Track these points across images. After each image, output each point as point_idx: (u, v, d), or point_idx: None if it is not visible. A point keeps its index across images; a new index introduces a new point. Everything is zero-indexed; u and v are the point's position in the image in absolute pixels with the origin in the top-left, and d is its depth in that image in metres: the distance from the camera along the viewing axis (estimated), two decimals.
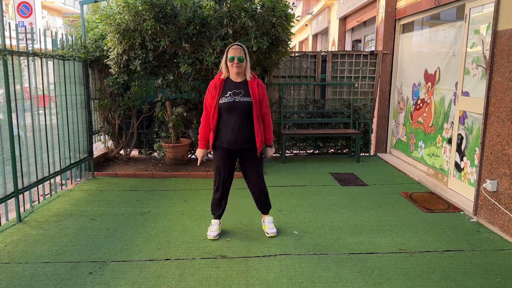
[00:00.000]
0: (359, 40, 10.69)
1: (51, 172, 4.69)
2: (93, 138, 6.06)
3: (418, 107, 6.08)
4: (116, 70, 5.48)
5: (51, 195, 4.90)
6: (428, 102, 5.77)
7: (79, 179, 5.60)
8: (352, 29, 11.13)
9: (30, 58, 4.29)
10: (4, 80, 3.82)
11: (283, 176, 5.79)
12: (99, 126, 6.41)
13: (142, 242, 3.57)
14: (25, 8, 11.68)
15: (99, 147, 7.02)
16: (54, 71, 4.76)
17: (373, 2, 8.45)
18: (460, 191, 4.83)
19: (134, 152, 6.99)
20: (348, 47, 11.53)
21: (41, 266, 3.14)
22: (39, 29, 4.82)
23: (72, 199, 4.76)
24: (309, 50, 16.09)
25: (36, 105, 4.41)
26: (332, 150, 7.20)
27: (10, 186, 3.96)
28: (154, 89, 6.35)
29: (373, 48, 8.86)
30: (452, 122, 5.09)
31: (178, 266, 3.14)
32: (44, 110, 4.55)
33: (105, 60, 5.66)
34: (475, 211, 4.15)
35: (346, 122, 7.03)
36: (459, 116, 4.86)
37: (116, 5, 5.29)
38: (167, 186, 5.30)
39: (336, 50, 11.73)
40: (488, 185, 3.87)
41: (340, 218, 4.16)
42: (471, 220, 4.12)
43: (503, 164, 3.73)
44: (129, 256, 3.30)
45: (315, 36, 16.53)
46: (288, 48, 5.70)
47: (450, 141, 5.13)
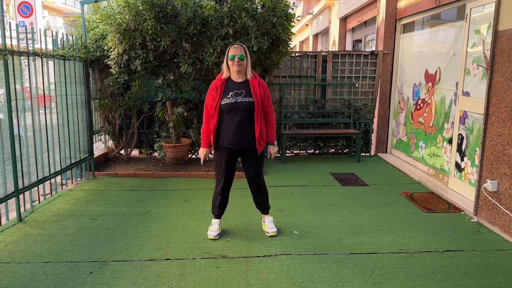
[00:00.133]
0: (359, 40, 10.69)
1: (51, 172, 4.69)
2: (93, 138, 6.07)
3: (418, 107, 6.07)
4: (116, 70, 5.48)
5: (51, 195, 4.91)
6: (428, 102, 5.77)
7: (80, 179, 5.60)
8: (353, 29, 11.12)
9: (31, 58, 4.29)
10: (5, 80, 3.82)
11: (283, 176, 5.79)
12: (100, 126, 6.41)
13: (142, 242, 3.57)
14: (25, 8, 11.68)
15: (100, 147, 7.02)
16: (54, 71, 4.76)
17: (373, 2, 8.45)
18: (461, 191, 4.82)
19: (135, 152, 6.99)
20: (348, 47, 11.53)
21: (41, 265, 3.14)
22: (40, 29, 4.81)
23: (73, 199, 4.76)
24: (309, 50, 16.09)
25: (37, 104, 4.42)
26: (332, 150, 7.20)
27: (10, 185, 3.96)
28: (154, 89, 6.35)
29: (373, 48, 8.85)
30: (452, 122, 5.09)
31: (179, 266, 3.14)
32: (44, 110, 4.55)
33: (105, 60, 5.67)
34: (476, 211, 4.15)
35: (346, 122, 7.03)
36: (460, 116, 4.86)
37: (116, 5, 5.29)
38: (168, 186, 5.30)
39: (336, 50, 11.73)
40: (489, 185, 3.87)
41: (340, 218, 4.16)
42: (472, 220, 4.12)
43: (503, 164, 3.73)
44: (129, 256, 3.30)
45: (315, 36, 16.52)
46: (288, 48, 5.70)
47: (450, 141, 5.13)
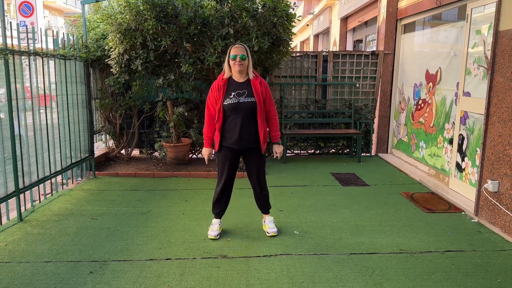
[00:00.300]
0: (360, 40, 10.69)
1: (52, 172, 4.69)
2: (94, 138, 6.07)
3: (419, 107, 6.07)
4: (117, 69, 5.48)
5: (52, 195, 4.91)
6: (429, 102, 5.76)
7: (80, 179, 5.60)
8: (354, 29, 11.12)
9: (32, 58, 4.30)
10: (6, 80, 3.82)
11: (284, 176, 5.79)
12: (100, 125, 6.41)
13: (142, 241, 3.57)
14: (26, 8, 11.69)
15: (100, 146, 7.02)
16: (55, 71, 4.77)
17: (374, 2, 8.45)
18: (461, 192, 4.82)
19: (135, 152, 7.00)
20: (349, 47, 11.53)
21: (41, 265, 3.14)
22: (41, 28, 4.82)
23: (73, 198, 4.77)
24: (310, 50, 16.08)
25: (37, 104, 4.42)
26: (333, 150, 7.20)
27: (11, 185, 3.97)
28: (155, 88, 6.35)
29: (374, 48, 8.85)
30: (453, 123, 5.09)
31: (179, 265, 3.15)
32: (45, 109, 4.56)
33: (106, 60, 5.67)
34: (476, 212, 4.14)
35: (347, 122, 7.03)
36: (460, 117, 4.85)
37: (117, 4, 5.29)
38: (168, 185, 5.30)
39: (337, 50, 11.73)
40: (489, 185, 3.87)
41: (341, 218, 4.16)
42: (472, 220, 4.11)
43: (504, 165, 3.72)
44: (129, 256, 3.30)
45: (316, 36, 16.52)
46: (289, 48, 5.69)
47: (451, 141, 5.12)
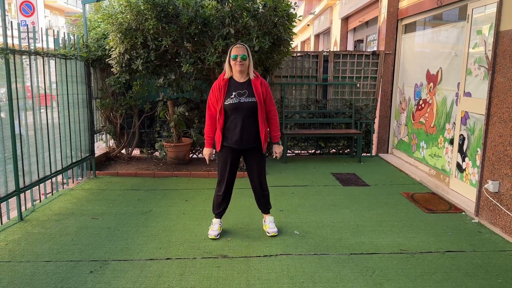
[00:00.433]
0: (361, 40, 10.68)
1: (52, 171, 4.69)
2: (94, 137, 6.07)
3: (420, 107, 6.07)
4: (118, 69, 5.48)
5: (52, 194, 4.91)
6: (430, 102, 5.76)
7: (81, 178, 5.60)
8: (354, 29, 11.12)
9: (32, 57, 4.30)
10: (6, 79, 3.83)
11: (284, 176, 5.79)
12: (101, 125, 6.42)
13: (143, 241, 3.57)
14: (27, 7, 11.69)
15: (101, 146, 7.03)
16: (56, 70, 4.77)
17: (375, 2, 8.45)
18: (462, 192, 4.81)
19: (136, 152, 7.00)
20: (350, 47, 11.52)
21: (42, 264, 3.14)
22: (41, 28, 4.82)
23: (74, 198, 4.77)
24: (311, 50, 16.06)
25: (38, 104, 4.42)
26: (333, 150, 7.19)
27: (11, 184, 3.97)
28: (155, 88, 6.35)
29: (375, 48, 8.84)
30: (454, 123, 5.08)
31: (179, 265, 3.15)
32: (46, 109, 4.56)
33: (107, 59, 5.67)
34: (477, 212, 4.14)
35: (347, 122, 7.02)
36: (461, 117, 4.85)
37: (118, 4, 5.29)
38: (169, 185, 5.30)
39: (338, 50, 11.72)
40: (490, 186, 3.86)
41: (341, 218, 4.16)
42: (473, 221, 4.11)
43: (505, 165, 3.72)
44: (130, 255, 3.30)
45: (317, 36, 16.52)
46: (290, 48, 5.69)
47: (452, 141, 5.12)
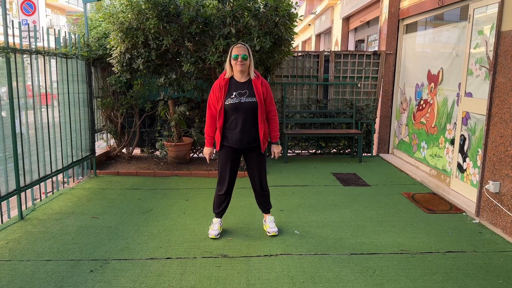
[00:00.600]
0: (362, 40, 10.68)
1: (53, 170, 4.70)
2: (95, 137, 6.07)
3: (421, 107, 6.06)
4: (119, 68, 5.48)
5: (53, 193, 4.91)
6: (431, 102, 5.75)
7: (81, 177, 5.61)
8: (355, 29, 11.11)
9: (33, 56, 4.30)
10: (7, 78, 3.83)
11: (285, 175, 5.79)
12: (102, 124, 6.42)
13: (143, 240, 3.57)
14: (28, 6, 11.69)
15: (102, 145, 7.03)
16: (57, 69, 4.77)
17: (376, 2, 8.44)
18: (463, 192, 4.81)
19: (136, 151, 7.00)
20: (351, 47, 11.52)
21: (42, 263, 3.14)
22: (43, 27, 4.82)
23: (74, 197, 4.77)
24: (312, 50, 16.06)
25: (39, 103, 4.42)
26: (334, 150, 7.19)
27: (12, 183, 3.97)
28: (156, 87, 6.35)
29: (376, 48, 8.84)
30: (455, 123, 5.08)
31: (179, 265, 3.15)
32: (46, 108, 4.56)
33: (108, 59, 5.67)
34: (478, 212, 4.13)
35: (348, 122, 7.02)
36: (462, 117, 4.84)
37: (119, 3, 5.29)
38: (169, 184, 5.30)
39: (339, 50, 11.72)
40: (491, 186, 3.86)
41: (341, 218, 4.15)
42: (473, 221, 4.10)
43: (506, 165, 3.71)
44: (130, 255, 3.30)
45: (318, 36, 16.51)
46: (291, 47, 5.69)
47: (452, 142, 5.11)
